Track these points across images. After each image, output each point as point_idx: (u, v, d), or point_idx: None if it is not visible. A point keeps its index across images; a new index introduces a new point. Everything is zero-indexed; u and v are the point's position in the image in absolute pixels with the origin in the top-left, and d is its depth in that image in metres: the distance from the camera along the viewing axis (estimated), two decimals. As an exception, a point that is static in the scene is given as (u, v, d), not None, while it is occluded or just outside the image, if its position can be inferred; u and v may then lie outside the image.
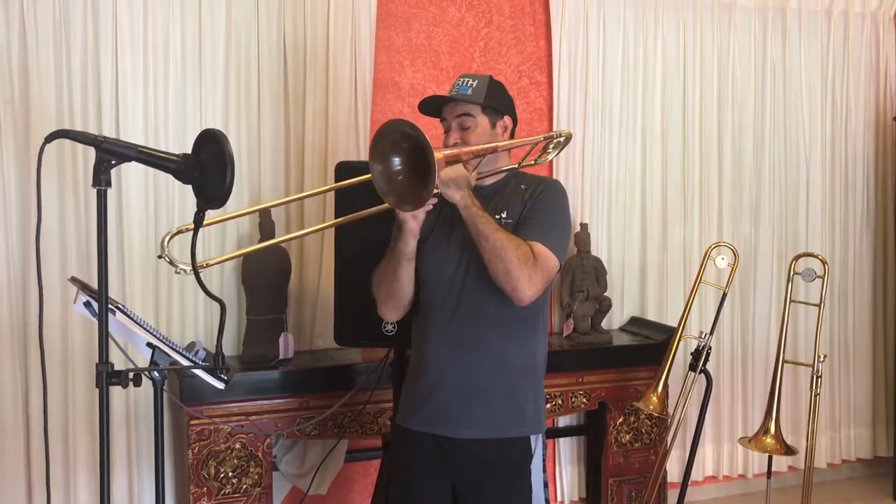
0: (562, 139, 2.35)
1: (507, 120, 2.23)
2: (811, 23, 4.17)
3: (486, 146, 2.10)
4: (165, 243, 1.73)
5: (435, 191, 1.89)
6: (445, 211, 2.11)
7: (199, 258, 1.66)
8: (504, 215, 2.13)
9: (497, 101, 2.20)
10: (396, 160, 1.86)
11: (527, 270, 1.97)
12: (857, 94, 4.30)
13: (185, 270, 1.70)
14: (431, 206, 1.98)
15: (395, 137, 1.85)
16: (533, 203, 2.13)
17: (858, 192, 4.34)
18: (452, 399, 2.10)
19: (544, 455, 2.21)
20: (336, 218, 2.71)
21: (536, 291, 2.02)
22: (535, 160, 2.31)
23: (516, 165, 2.24)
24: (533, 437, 2.15)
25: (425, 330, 2.17)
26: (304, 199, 3.20)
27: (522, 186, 2.19)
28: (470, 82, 2.17)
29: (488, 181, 2.19)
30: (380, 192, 1.89)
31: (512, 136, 2.27)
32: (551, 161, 3.64)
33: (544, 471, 2.20)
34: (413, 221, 2.00)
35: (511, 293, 2.00)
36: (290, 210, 3.29)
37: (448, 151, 1.97)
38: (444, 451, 2.12)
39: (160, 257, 1.74)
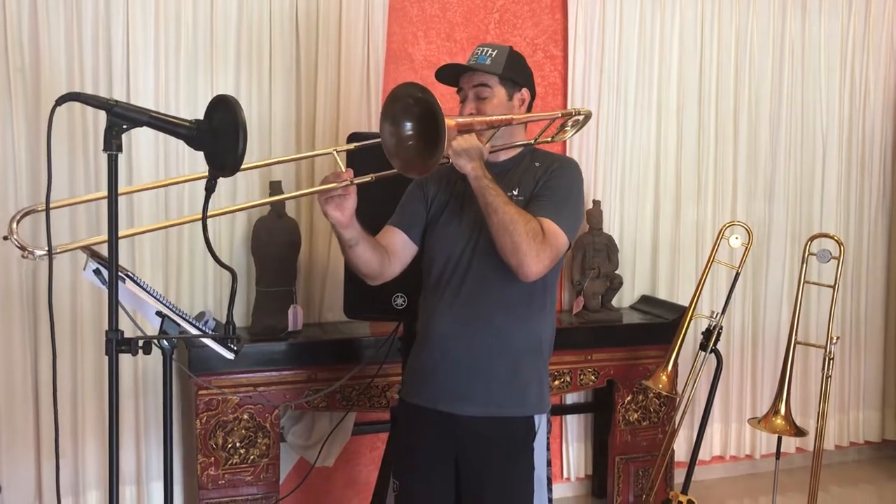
0: (581, 118, 2.29)
1: (525, 93, 2.19)
2: (832, 1, 4.10)
3: (500, 117, 2.06)
4: (14, 226, 1.59)
5: (447, 161, 1.86)
6: (458, 186, 2.08)
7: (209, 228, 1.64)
8: (516, 192, 2.09)
9: (516, 72, 2.15)
10: (408, 125, 1.82)
11: (535, 246, 1.93)
12: (876, 74, 4.24)
13: (31, 255, 1.56)
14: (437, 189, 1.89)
15: (408, 101, 1.80)
16: (546, 181, 2.09)
17: (875, 173, 4.29)
18: (454, 376, 2.09)
19: (548, 434, 2.20)
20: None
21: (543, 268, 1.98)
22: (552, 137, 2.26)
23: (532, 141, 2.19)
24: (537, 417, 2.14)
25: (431, 306, 2.16)
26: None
27: (536, 164, 2.15)
28: (489, 52, 2.13)
29: (503, 156, 2.16)
30: (387, 152, 1.84)
31: (529, 109, 2.23)
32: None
33: (548, 449, 2.19)
34: (338, 214, 1.90)
35: (517, 268, 1.96)
36: (300, 183, 3.27)
37: (461, 119, 1.92)
38: (448, 426, 2.11)
39: (5, 238, 1.58)
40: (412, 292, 2.44)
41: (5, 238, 1.60)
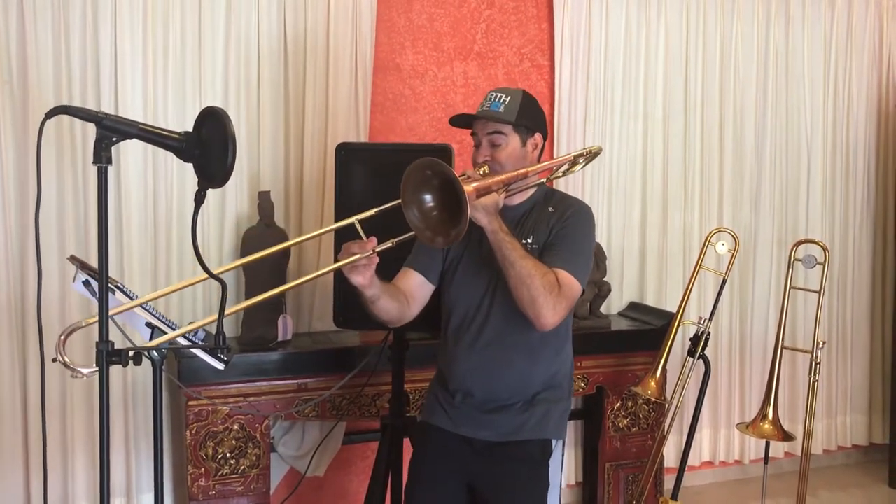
0: (591, 155, 2.34)
1: (538, 137, 2.22)
2: (815, 9, 4.14)
3: (516, 173, 2.08)
4: (61, 346, 1.61)
5: None
6: (475, 235, 2.10)
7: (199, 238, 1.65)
8: (530, 240, 2.14)
9: (529, 118, 2.18)
10: (428, 197, 1.86)
11: (551, 299, 1.98)
12: (859, 81, 4.28)
13: (79, 374, 1.55)
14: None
15: (425, 174, 1.84)
16: (559, 229, 2.13)
17: (859, 179, 4.33)
18: (476, 412, 2.17)
19: (563, 455, 2.26)
20: (335, 203, 2.74)
21: (559, 319, 2.03)
22: (564, 173, 2.33)
23: (544, 181, 2.24)
24: (554, 440, 2.20)
25: (452, 349, 2.21)
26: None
27: (550, 209, 2.18)
28: (503, 98, 2.16)
29: (517, 199, 2.20)
30: (416, 230, 1.88)
31: (542, 151, 2.26)
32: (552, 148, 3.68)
33: (561, 470, 2.26)
34: (361, 279, 1.94)
35: (534, 320, 2.01)
36: (289, 193, 3.28)
37: (478, 184, 1.93)
38: (466, 447, 2.18)
39: (54, 360, 1.60)
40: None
41: (54, 360, 1.61)
